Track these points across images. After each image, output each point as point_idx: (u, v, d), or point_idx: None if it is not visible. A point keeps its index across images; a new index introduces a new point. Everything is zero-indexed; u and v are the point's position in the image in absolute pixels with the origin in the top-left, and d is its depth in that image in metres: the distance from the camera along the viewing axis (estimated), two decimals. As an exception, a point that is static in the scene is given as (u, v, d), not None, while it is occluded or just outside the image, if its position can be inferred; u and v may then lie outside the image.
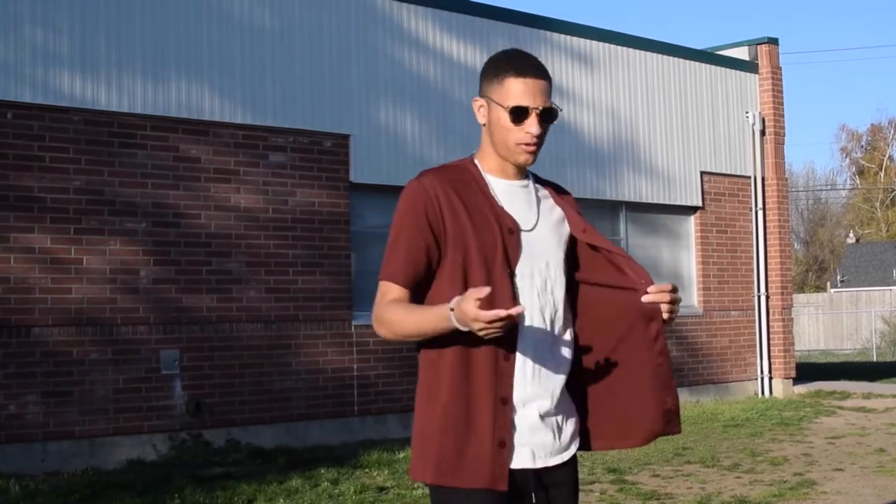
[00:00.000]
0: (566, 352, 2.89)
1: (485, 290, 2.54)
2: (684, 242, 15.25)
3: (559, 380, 2.85)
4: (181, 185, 10.39)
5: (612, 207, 14.36)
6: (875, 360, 29.75)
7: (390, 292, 2.81)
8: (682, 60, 15.20)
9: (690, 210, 15.25)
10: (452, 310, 2.62)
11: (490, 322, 2.53)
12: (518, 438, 2.79)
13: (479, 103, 2.88)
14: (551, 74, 2.89)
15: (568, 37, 13.69)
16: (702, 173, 15.28)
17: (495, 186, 2.88)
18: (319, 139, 11.40)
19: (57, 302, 9.62)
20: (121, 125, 10.09)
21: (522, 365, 2.79)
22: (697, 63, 15.42)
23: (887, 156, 72.33)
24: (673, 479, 8.83)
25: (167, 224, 10.29)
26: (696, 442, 10.94)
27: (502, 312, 2.52)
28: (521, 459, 2.80)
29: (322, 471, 9.04)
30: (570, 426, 2.90)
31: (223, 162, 10.68)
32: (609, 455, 10.04)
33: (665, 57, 14.97)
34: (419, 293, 2.83)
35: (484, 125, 2.89)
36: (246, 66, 10.91)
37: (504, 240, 2.81)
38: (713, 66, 15.64)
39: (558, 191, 3.03)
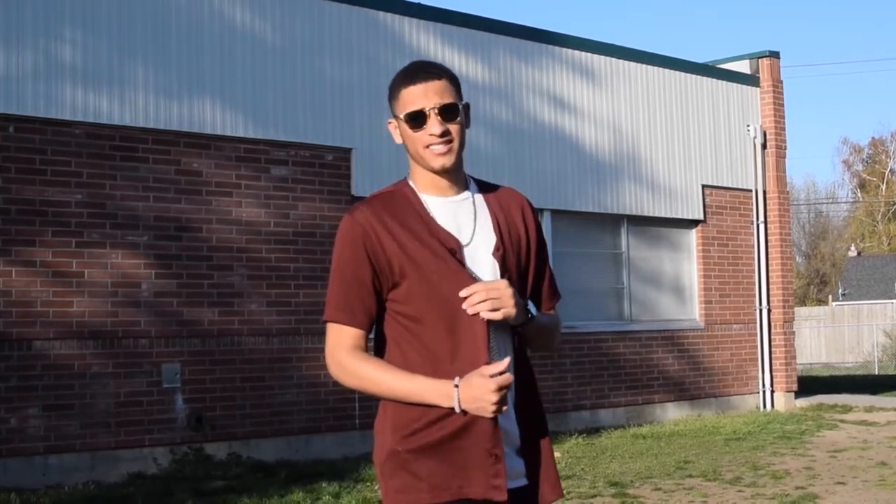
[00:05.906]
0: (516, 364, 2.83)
1: (501, 365, 2.59)
2: (686, 256, 15.25)
3: (511, 395, 2.79)
4: (183, 199, 10.40)
5: (614, 221, 14.36)
6: (877, 373, 29.70)
7: (348, 337, 2.75)
8: (683, 74, 15.22)
9: (692, 223, 15.25)
10: (457, 386, 2.62)
11: (500, 389, 2.59)
12: None
13: (392, 125, 2.83)
14: (552, 87, 2.85)
15: (570, 50, 13.69)
16: (703, 186, 15.28)
17: (431, 204, 2.79)
18: (321, 153, 11.42)
19: (58, 315, 9.62)
20: (123, 138, 10.10)
21: None
22: (699, 76, 15.44)
23: (889, 169, 72.39)
24: (675, 492, 8.82)
25: (169, 237, 10.30)
26: (698, 455, 10.92)
27: (497, 370, 2.57)
28: None
29: (323, 484, 9.03)
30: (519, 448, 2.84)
31: (225, 175, 10.69)
32: (611, 468, 10.03)
33: (666, 70, 15.00)
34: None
35: (401, 144, 2.83)
36: (248, 79, 10.93)
37: (450, 262, 2.73)
38: (714, 80, 15.67)
39: (504, 197, 2.91)
